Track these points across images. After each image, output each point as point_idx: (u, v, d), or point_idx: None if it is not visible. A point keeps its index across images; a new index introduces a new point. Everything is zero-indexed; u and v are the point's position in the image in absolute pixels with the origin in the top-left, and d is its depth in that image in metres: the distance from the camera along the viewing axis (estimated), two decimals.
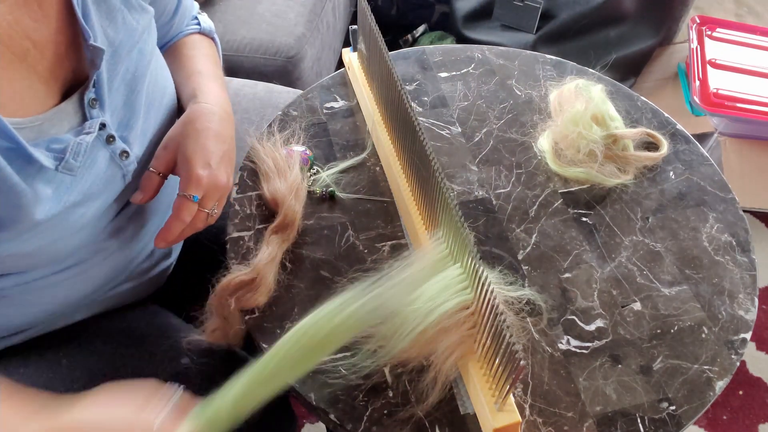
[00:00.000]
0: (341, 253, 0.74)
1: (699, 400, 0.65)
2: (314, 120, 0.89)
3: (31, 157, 0.55)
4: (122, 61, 0.64)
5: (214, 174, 0.68)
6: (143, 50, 0.67)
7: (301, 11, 1.50)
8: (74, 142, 0.59)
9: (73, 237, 0.64)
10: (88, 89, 0.60)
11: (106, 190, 0.65)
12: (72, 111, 0.60)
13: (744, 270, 0.76)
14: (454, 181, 0.82)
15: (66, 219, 0.60)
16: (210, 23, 0.86)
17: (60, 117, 0.59)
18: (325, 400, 0.63)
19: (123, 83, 0.64)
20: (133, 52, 0.65)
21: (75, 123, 0.60)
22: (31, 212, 0.56)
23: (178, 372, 0.74)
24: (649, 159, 0.85)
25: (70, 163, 0.59)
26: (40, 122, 0.57)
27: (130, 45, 0.64)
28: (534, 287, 0.72)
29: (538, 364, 0.66)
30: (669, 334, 0.69)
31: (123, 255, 0.73)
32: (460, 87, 0.95)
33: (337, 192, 0.80)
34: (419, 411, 0.62)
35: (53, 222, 0.59)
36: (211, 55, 0.83)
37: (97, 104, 0.61)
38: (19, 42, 0.55)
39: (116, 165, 0.65)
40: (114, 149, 0.64)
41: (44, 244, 0.60)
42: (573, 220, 0.79)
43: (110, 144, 0.63)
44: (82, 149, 0.59)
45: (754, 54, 1.66)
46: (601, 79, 0.96)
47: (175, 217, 0.66)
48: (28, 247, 0.59)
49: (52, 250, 0.62)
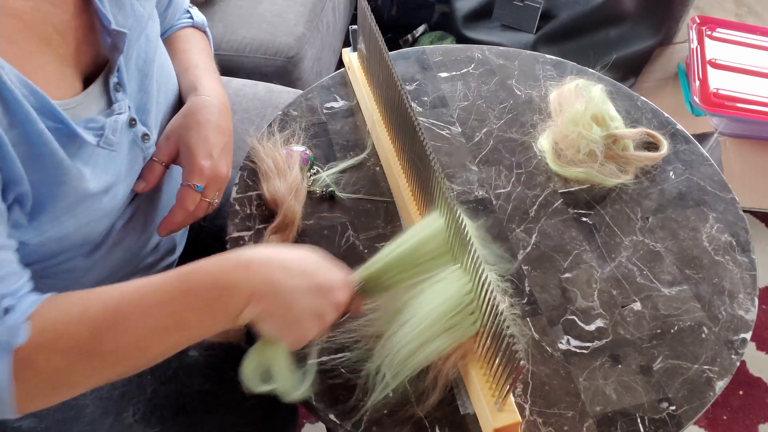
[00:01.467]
0: (341, 253, 0.74)
1: (699, 400, 0.65)
2: (314, 120, 0.89)
3: (74, 134, 0.57)
4: (133, 46, 0.66)
5: (215, 165, 0.70)
6: (150, 36, 0.69)
7: (301, 11, 1.50)
8: (111, 120, 0.61)
9: (103, 221, 0.66)
10: (113, 73, 0.63)
11: (131, 173, 0.68)
12: (98, 95, 0.62)
13: (744, 270, 0.76)
14: (454, 181, 0.82)
15: (101, 200, 0.63)
16: (202, 17, 0.87)
17: (89, 100, 0.61)
18: (325, 400, 0.63)
19: (136, 68, 0.67)
20: (141, 38, 0.67)
21: (102, 106, 0.62)
22: (74, 189, 0.58)
23: (186, 364, 0.75)
24: (649, 159, 0.85)
25: (110, 138, 0.61)
26: (74, 105, 0.59)
27: (138, 31, 0.66)
28: (534, 287, 0.72)
29: (538, 364, 0.66)
30: (669, 334, 0.69)
31: (131, 244, 0.74)
32: (460, 87, 0.95)
33: (337, 192, 0.80)
34: (419, 411, 0.62)
35: (91, 202, 0.61)
36: (206, 49, 0.85)
37: (120, 88, 0.64)
38: (43, 27, 0.57)
39: (138, 148, 0.68)
40: (136, 132, 0.67)
41: (79, 226, 0.62)
42: (573, 220, 0.79)
43: (132, 127, 0.66)
44: (119, 126, 0.62)
45: (754, 54, 1.66)
46: (601, 79, 0.96)
47: (179, 206, 0.69)
48: (65, 229, 0.61)
49: (84, 233, 0.64)
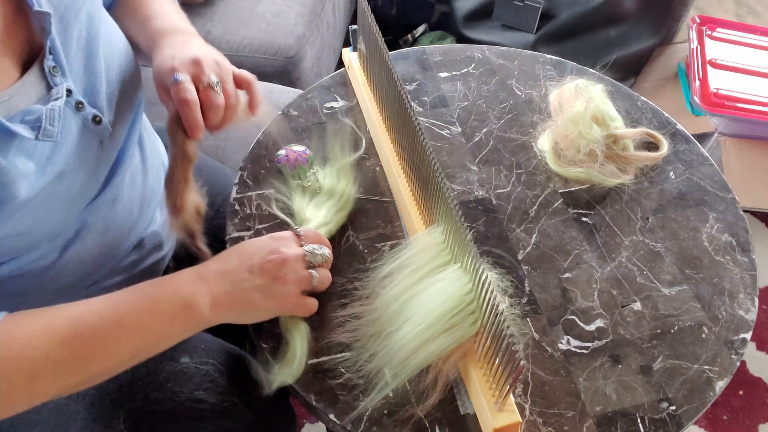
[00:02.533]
0: (341, 253, 0.74)
1: (699, 400, 0.65)
2: (314, 120, 0.89)
3: (8, 131, 0.54)
4: (72, 25, 0.63)
5: (182, 54, 0.67)
6: (90, 12, 0.66)
7: (301, 11, 1.50)
8: (47, 109, 0.58)
9: (63, 211, 0.64)
10: (46, 57, 0.60)
11: (87, 159, 0.65)
12: (35, 81, 0.59)
13: (744, 270, 0.76)
14: (454, 181, 0.82)
15: (54, 191, 0.60)
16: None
17: (26, 89, 0.58)
18: (325, 400, 0.63)
19: (79, 48, 0.64)
20: (80, 15, 0.64)
21: (41, 93, 0.60)
22: (17, 188, 0.56)
23: (178, 371, 0.73)
24: (649, 159, 0.85)
25: (48, 129, 0.58)
26: (8, 97, 0.56)
27: (76, 9, 0.63)
28: (534, 287, 0.72)
29: (538, 364, 0.66)
30: (669, 334, 0.69)
31: (108, 239, 0.73)
32: (460, 87, 0.95)
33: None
34: (419, 411, 0.62)
35: (42, 196, 0.59)
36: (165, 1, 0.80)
37: (58, 72, 0.61)
38: None
39: (90, 131, 0.65)
40: (85, 115, 0.64)
41: (36, 221, 0.60)
42: (573, 220, 0.79)
43: (80, 110, 0.63)
44: (56, 114, 0.59)
45: (754, 54, 1.66)
46: (601, 79, 0.96)
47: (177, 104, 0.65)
48: (22, 227, 0.59)
49: (45, 227, 0.63)
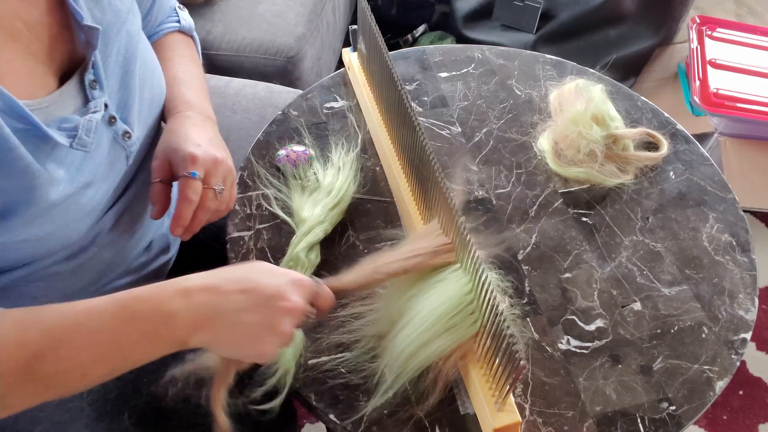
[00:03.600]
0: (341, 253, 0.74)
1: (699, 400, 0.65)
2: (314, 120, 0.89)
3: (45, 135, 0.56)
4: (112, 42, 0.64)
5: (206, 150, 0.67)
6: (130, 31, 0.67)
7: (301, 11, 1.50)
8: (85, 119, 0.60)
9: (83, 220, 0.65)
10: (88, 70, 0.61)
11: (113, 172, 0.67)
12: (74, 93, 0.61)
13: (744, 270, 0.76)
14: (454, 181, 0.82)
15: (77, 201, 0.62)
16: (189, 21, 0.86)
17: (64, 99, 0.60)
18: (325, 400, 0.63)
19: (117, 64, 0.65)
20: (121, 32, 0.66)
21: (78, 105, 0.61)
22: (46, 193, 0.57)
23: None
24: (649, 159, 0.85)
25: (84, 139, 0.60)
26: (47, 104, 0.58)
27: (118, 26, 0.65)
28: (534, 287, 0.72)
29: (538, 364, 0.66)
30: (669, 334, 0.69)
31: (121, 245, 0.74)
32: (460, 87, 0.95)
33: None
34: (419, 411, 0.62)
35: (66, 204, 0.60)
36: (190, 56, 0.83)
37: (96, 85, 0.62)
38: (10, 22, 0.56)
39: (119, 146, 0.67)
40: (116, 130, 0.66)
41: (57, 228, 0.61)
42: (573, 220, 0.79)
43: (112, 125, 0.65)
44: (93, 126, 0.61)
45: (754, 54, 1.66)
46: (601, 79, 0.96)
47: (181, 198, 0.65)
48: (41, 232, 0.60)
49: (64, 234, 0.63)
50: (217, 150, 0.69)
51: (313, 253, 0.72)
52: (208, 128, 0.72)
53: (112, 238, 0.71)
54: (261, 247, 0.74)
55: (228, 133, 1.12)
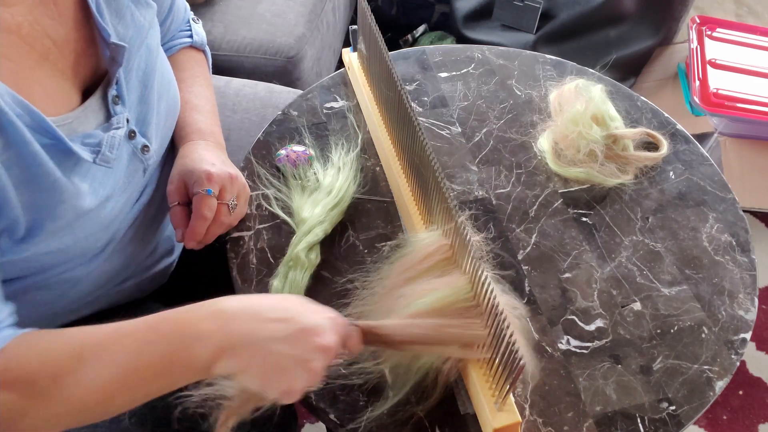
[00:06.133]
0: (341, 253, 0.74)
1: (699, 400, 0.65)
2: (314, 120, 0.89)
3: (70, 151, 0.56)
4: (134, 57, 0.65)
5: (220, 167, 0.70)
6: (150, 46, 0.68)
7: (301, 11, 1.50)
8: (108, 135, 0.61)
9: (102, 232, 0.65)
10: (111, 86, 0.62)
11: (131, 185, 0.67)
12: (97, 108, 0.62)
13: (744, 270, 0.76)
14: (454, 181, 0.82)
15: (99, 214, 0.62)
16: (202, 35, 0.87)
17: (86, 115, 0.60)
18: (325, 400, 0.63)
19: (137, 79, 0.66)
20: (142, 48, 0.67)
21: (101, 120, 0.62)
22: (72, 207, 0.58)
23: None
24: (649, 159, 0.85)
25: (107, 155, 0.61)
26: (71, 120, 0.58)
27: (139, 41, 0.66)
28: (534, 287, 0.72)
29: (538, 364, 0.66)
30: (669, 334, 0.69)
31: (131, 251, 0.74)
32: (460, 87, 0.95)
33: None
34: (419, 411, 0.62)
35: (88, 217, 0.61)
36: (202, 75, 0.85)
37: (119, 101, 0.63)
38: (41, 41, 0.57)
39: (138, 159, 0.67)
40: (136, 144, 0.66)
41: (77, 240, 0.62)
42: (573, 220, 0.79)
43: (132, 139, 0.66)
44: (116, 143, 0.62)
45: (754, 54, 1.66)
46: (601, 79, 0.96)
47: (196, 215, 0.68)
48: (62, 244, 0.60)
49: (83, 246, 0.64)
50: (231, 168, 0.72)
51: (313, 253, 0.72)
52: (219, 153, 0.75)
53: (123, 245, 0.72)
54: (261, 247, 0.74)
55: (228, 133, 1.12)
